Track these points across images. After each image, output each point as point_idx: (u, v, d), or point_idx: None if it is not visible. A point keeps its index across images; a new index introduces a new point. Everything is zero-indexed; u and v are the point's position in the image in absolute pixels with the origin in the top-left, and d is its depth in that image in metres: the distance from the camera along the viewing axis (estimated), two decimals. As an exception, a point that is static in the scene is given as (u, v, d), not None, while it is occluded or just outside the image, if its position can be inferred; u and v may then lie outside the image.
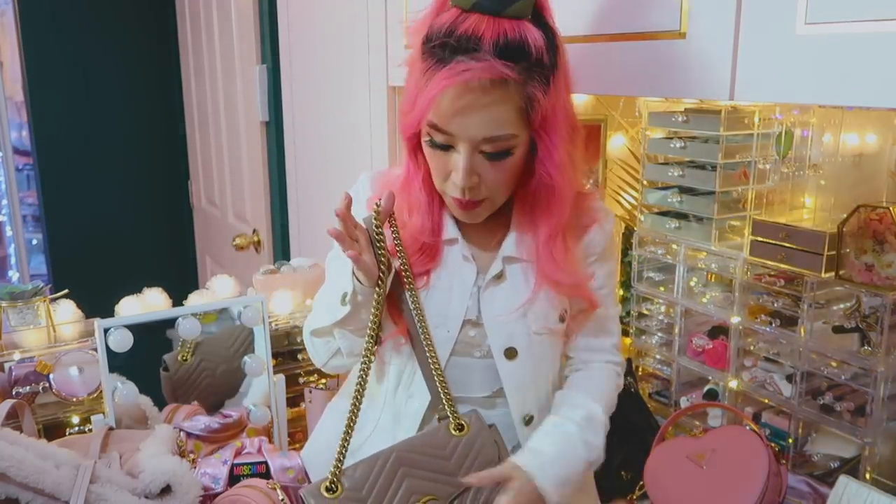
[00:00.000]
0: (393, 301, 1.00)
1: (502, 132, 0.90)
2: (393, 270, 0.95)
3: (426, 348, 0.98)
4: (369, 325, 0.95)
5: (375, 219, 0.92)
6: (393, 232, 0.96)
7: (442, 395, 0.98)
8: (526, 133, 0.93)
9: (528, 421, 1.05)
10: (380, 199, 0.92)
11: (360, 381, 0.95)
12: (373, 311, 0.95)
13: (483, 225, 1.05)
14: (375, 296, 0.94)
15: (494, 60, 0.86)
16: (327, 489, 0.89)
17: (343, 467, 0.92)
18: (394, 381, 1.05)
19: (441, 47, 0.88)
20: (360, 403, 0.95)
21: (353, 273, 0.94)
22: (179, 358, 1.40)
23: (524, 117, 0.91)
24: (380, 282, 0.93)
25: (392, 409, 1.06)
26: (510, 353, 1.01)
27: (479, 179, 0.93)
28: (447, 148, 0.93)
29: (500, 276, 1.02)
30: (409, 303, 0.98)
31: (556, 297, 1.03)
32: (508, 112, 0.90)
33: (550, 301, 1.02)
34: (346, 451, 0.93)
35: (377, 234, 0.92)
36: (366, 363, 0.96)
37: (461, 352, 1.01)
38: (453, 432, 0.96)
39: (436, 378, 0.98)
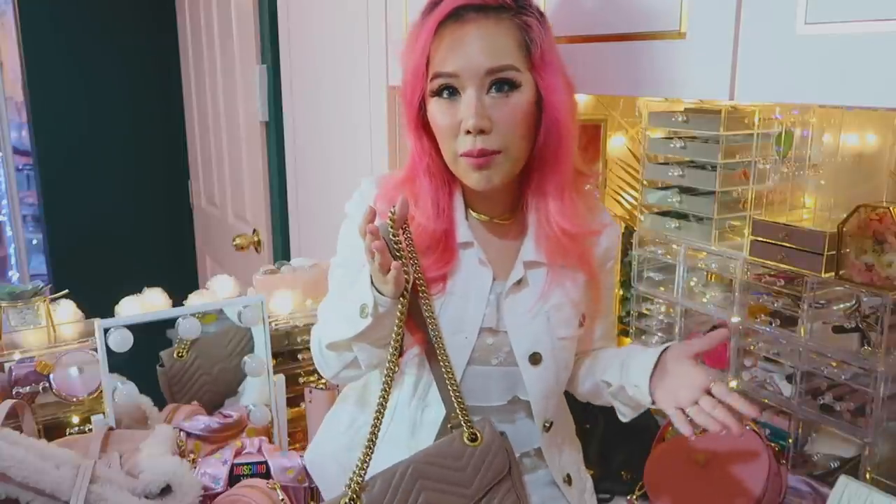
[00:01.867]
0: (409, 310, 0.97)
1: (504, 61, 0.91)
2: (412, 279, 0.93)
3: (439, 356, 0.97)
4: (393, 336, 0.92)
5: (391, 226, 0.89)
6: (406, 239, 0.93)
7: (455, 404, 0.96)
8: (529, 75, 0.94)
9: (549, 427, 1.04)
10: (394, 206, 0.89)
11: (384, 395, 0.92)
12: (397, 322, 0.92)
13: (496, 227, 1.04)
14: (399, 306, 0.91)
15: None
16: None
17: (363, 481, 0.89)
18: (408, 391, 1.03)
19: (430, 5, 0.94)
20: (381, 418, 0.92)
21: (373, 284, 0.90)
22: (175, 355, 1.40)
23: (525, 54, 0.93)
24: (405, 291, 0.91)
25: (407, 419, 1.04)
26: (535, 359, 1.00)
27: (490, 123, 0.92)
28: (454, 95, 0.93)
29: (520, 283, 1.01)
30: (424, 310, 0.97)
31: (577, 301, 1.02)
32: (508, 43, 0.92)
33: (574, 306, 1.02)
34: (367, 466, 0.89)
35: (395, 243, 0.90)
36: (389, 376, 0.93)
37: (479, 360, 1.00)
38: (467, 442, 0.94)
39: (449, 386, 0.97)
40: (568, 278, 1.01)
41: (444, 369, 0.97)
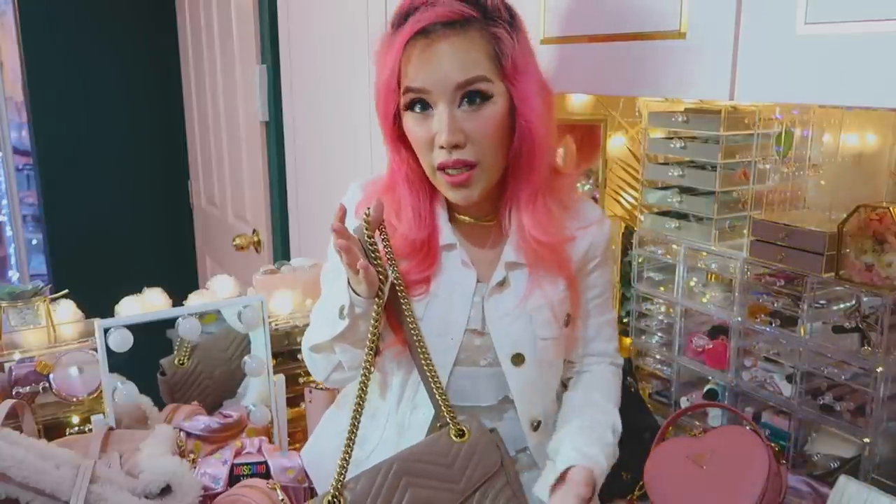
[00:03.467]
0: (390, 311, 0.98)
1: (474, 73, 0.91)
2: (390, 280, 0.94)
3: (421, 356, 0.97)
4: (369, 336, 0.93)
5: (366, 228, 0.90)
6: (384, 240, 0.94)
7: (440, 402, 0.97)
8: (501, 84, 0.93)
9: (537, 426, 1.04)
10: (369, 209, 0.90)
11: (360, 394, 0.92)
12: (372, 322, 0.92)
13: (479, 229, 1.04)
14: (375, 307, 0.92)
15: (452, 2, 0.90)
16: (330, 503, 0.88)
17: (345, 480, 0.90)
18: (397, 394, 1.04)
19: (400, 18, 0.93)
20: (360, 416, 0.92)
21: (350, 285, 0.92)
22: (176, 362, 1.40)
23: (496, 65, 0.92)
24: (379, 292, 0.92)
25: (396, 422, 1.05)
26: (517, 360, 1.00)
27: (464, 137, 0.92)
28: (426, 109, 0.93)
29: (503, 283, 1.01)
30: (405, 311, 0.97)
31: (559, 302, 1.02)
32: (477, 56, 0.91)
33: (555, 307, 1.02)
34: (347, 465, 0.90)
35: (370, 245, 0.91)
36: (365, 375, 0.93)
37: (467, 361, 1.00)
38: (454, 439, 0.94)
39: (433, 385, 0.97)
40: (549, 279, 1.02)
41: (426, 369, 0.97)
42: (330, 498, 0.87)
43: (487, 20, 0.92)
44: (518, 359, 1.00)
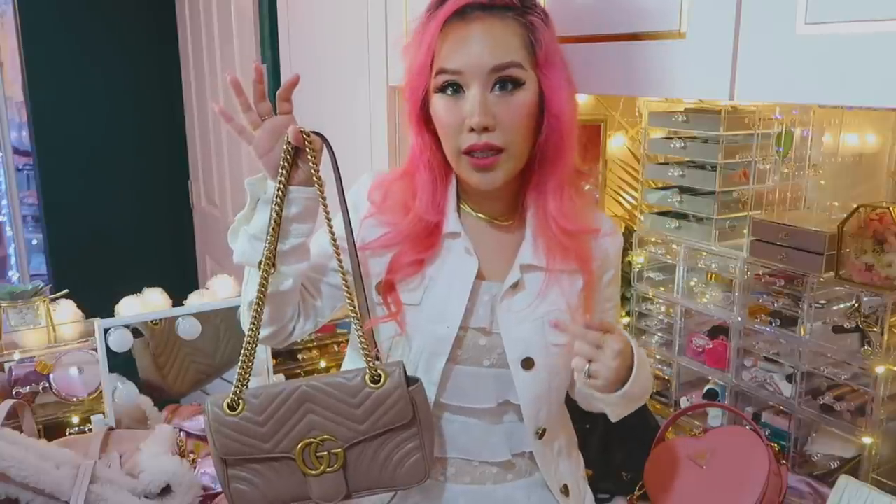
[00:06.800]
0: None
1: (508, 59, 0.92)
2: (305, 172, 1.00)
3: (341, 273, 0.96)
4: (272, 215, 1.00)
5: (289, 141, 1.00)
6: (310, 151, 1.00)
7: (360, 341, 0.96)
8: (533, 73, 0.94)
9: (542, 434, 1.04)
10: (311, 132, 0.99)
11: (262, 285, 0.95)
12: (275, 202, 1.00)
13: (497, 227, 1.03)
14: (277, 190, 1.00)
15: None
16: (229, 406, 0.90)
17: (247, 389, 0.92)
18: None
19: (437, 1, 0.94)
20: (261, 313, 0.95)
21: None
22: (151, 322, 1.37)
23: (529, 53, 0.93)
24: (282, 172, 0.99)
25: None
26: (527, 364, 0.99)
27: (494, 121, 0.93)
28: (458, 91, 0.93)
29: (517, 286, 1.01)
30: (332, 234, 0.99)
31: (573, 309, 1.01)
32: (513, 41, 0.92)
33: (568, 314, 1.01)
34: (249, 371, 0.93)
35: (287, 150, 1.00)
36: (267, 266, 0.98)
37: (471, 360, 1.00)
38: (368, 383, 0.93)
39: (356, 310, 0.96)
40: (565, 284, 1.01)
41: (347, 291, 0.96)
42: (229, 401, 0.90)
43: (524, 8, 0.94)
44: (528, 363, 0.99)
